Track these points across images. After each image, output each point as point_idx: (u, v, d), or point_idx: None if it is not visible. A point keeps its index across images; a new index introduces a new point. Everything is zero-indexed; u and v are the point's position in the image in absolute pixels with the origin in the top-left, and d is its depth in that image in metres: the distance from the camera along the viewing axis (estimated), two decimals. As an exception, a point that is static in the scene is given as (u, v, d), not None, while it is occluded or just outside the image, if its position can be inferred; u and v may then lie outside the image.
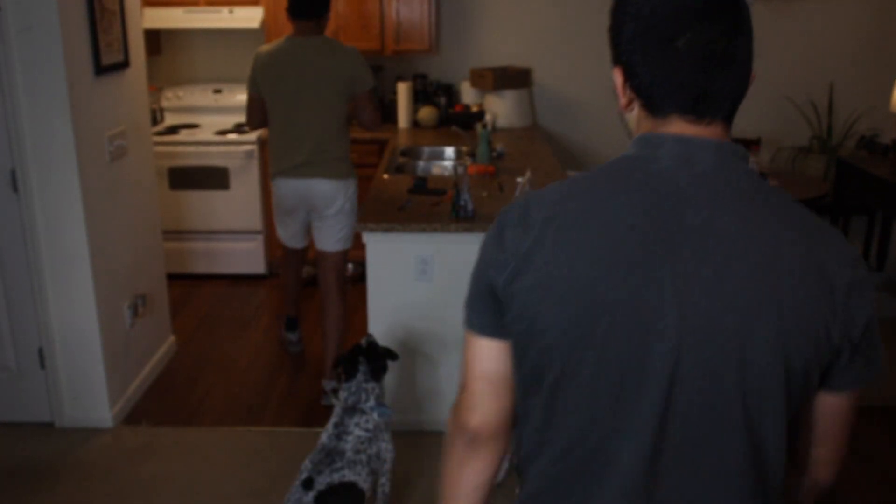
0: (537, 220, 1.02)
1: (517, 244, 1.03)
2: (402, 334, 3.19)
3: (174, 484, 2.96)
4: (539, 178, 3.59)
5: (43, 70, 2.92)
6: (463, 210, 3.05)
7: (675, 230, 0.97)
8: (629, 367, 0.97)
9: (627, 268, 0.96)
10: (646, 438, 0.99)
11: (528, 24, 5.12)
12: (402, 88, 4.98)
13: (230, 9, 4.76)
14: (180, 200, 4.83)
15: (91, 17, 3.09)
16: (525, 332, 1.04)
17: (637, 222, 0.97)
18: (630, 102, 1.06)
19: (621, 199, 0.99)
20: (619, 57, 1.06)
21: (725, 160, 1.01)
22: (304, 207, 3.52)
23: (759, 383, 0.97)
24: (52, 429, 3.32)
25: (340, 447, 2.40)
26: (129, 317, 3.48)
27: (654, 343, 0.96)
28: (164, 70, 5.25)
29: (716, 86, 0.99)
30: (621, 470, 1.01)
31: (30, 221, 3.08)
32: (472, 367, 1.13)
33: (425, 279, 3.11)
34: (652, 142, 1.02)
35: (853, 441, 1.15)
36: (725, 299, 0.95)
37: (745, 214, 0.98)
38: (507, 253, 1.04)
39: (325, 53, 3.33)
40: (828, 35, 5.16)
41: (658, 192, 0.99)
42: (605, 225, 0.98)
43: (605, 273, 0.97)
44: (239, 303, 4.68)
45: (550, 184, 1.08)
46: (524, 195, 1.08)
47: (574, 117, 5.24)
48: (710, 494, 1.01)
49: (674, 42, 0.99)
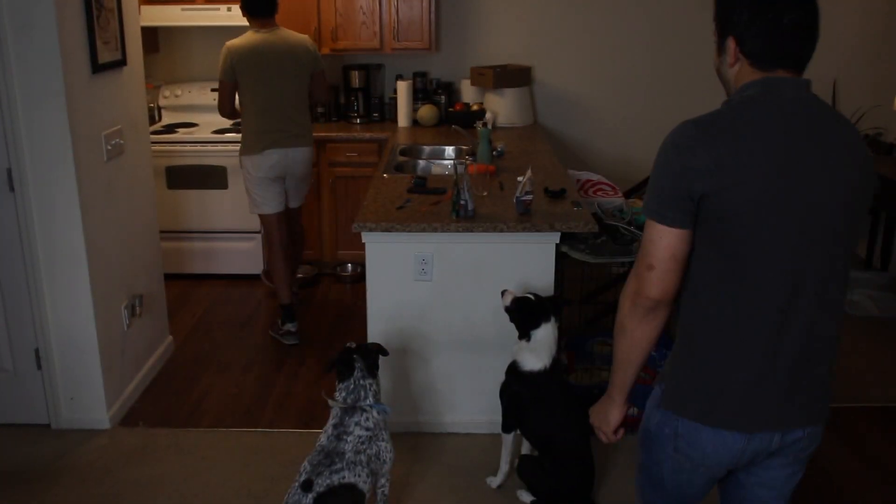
0: (722, 136, 1.46)
1: (711, 155, 1.45)
2: (402, 334, 3.16)
3: (171, 486, 2.94)
4: (540, 177, 3.57)
5: (39, 68, 2.89)
6: (463, 209, 3.02)
7: (805, 138, 1.48)
8: (801, 226, 1.48)
9: (790, 164, 1.46)
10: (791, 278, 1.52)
11: (529, 22, 5.09)
12: (401, 87, 4.95)
13: (228, 6, 4.73)
14: (178, 200, 4.80)
15: (88, 15, 3.07)
16: (728, 216, 1.46)
17: (787, 134, 1.47)
18: (736, 62, 1.54)
19: (773, 119, 1.48)
20: (735, 29, 1.52)
21: (811, 90, 1.54)
22: (286, 172, 4.06)
23: (846, 242, 1.54)
24: (48, 430, 3.29)
25: (340, 448, 2.37)
26: (127, 317, 3.45)
27: (807, 214, 1.48)
28: (162, 68, 5.23)
29: (805, 51, 1.51)
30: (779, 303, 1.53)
31: (26, 221, 3.05)
32: (662, 251, 1.51)
33: (425, 279, 3.08)
34: (772, 83, 1.50)
35: (855, 441, 1.16)
36: (832, 184, 1.50)
37: (833, 121, 1.54)
38: (703, 161, 1.45)
39: (291, 42, 3.98)
40: (831, 33, 5.11)
41: (789, 113, 1.49)
42: (771, 136, 1.46)
43: (781, 170, 1.45)
44: (237, 303, 4.66)
45: (703, 115, 1.51)
46: (691, 121, 1.50)
47: (575, 115, 5.21)
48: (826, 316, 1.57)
49: (782, 20, 1.47)
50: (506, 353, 3.16)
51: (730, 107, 1.52)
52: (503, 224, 2.97)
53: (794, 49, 1.49)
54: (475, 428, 3.26)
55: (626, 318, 1.60)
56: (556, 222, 2.98)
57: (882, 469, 3.08)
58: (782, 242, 1.47)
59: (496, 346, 3.15)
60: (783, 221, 1.46)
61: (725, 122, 1.48)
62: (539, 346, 2.72)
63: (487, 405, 3.24)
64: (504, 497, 2.91)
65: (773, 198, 1.45)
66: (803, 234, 1.47)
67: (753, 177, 1.44)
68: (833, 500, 2.91)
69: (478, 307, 3.12)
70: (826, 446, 3.21)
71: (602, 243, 3.29)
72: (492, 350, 3.15)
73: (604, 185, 3.83)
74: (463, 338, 3.16)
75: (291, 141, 3.99)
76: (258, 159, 3.95)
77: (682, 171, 1.46)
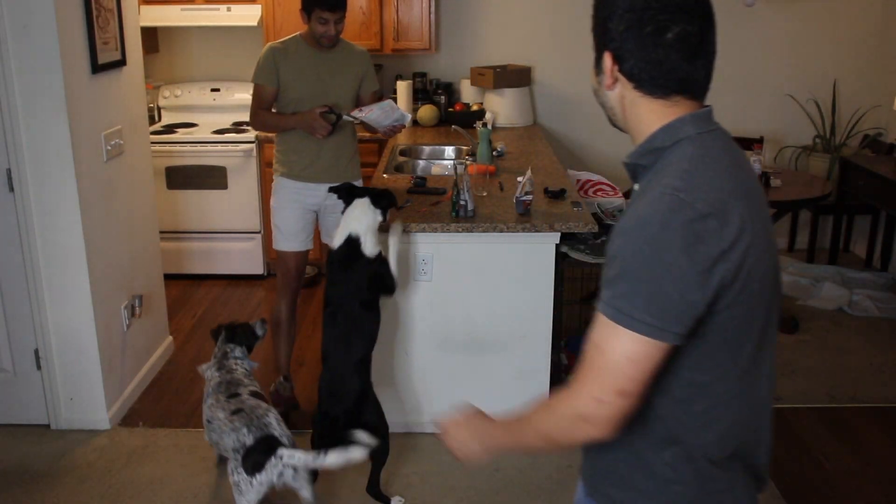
0: (730, 213, 1.13)
1: (724, 238, 1.11)
2: (402, 334, 3.16)
3: (171, 486, 2.94)
4: (539, 178, 3.57)
5: (39, 68, 2.89)
6: (463, 209, 3.03)
7: (751, 182, 1.24)
8: (771, 288, 1.22)
9: (762, 224, 1.19)
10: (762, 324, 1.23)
11: (529, 22, 5.09)
12: (401, 87, 4.95)
13: (228, 6, 4.74)
14: (178, 200, 4.80)
15: (88, 15, 3.07)
16: (745, 301, 1.16)
17: (749, 184, 1.22)
18: (614, 83, 1.24)
19: (741, 169, 1.23)
20: (609, 44, 1.22)
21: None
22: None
23: (779, 283, 1.27)
24: (48, 431, 3.29)
25: (235, 378, 2.78)
26: (126, 317, 3.45)
27: (776, 269, 1.25)
28: (162, 68, 5.22)
29: (696, 73, 1.20)
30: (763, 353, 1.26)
31: (25, 221, 3.05)
32: (645, 374, 1.12)
33: (425, 279, 3.08)
34: (706, 119, 1.23)
35: (854, 440, 1.17)
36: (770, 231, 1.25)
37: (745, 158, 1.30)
38: (720, 248, 1.11)
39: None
40: (831, 33, 5.13)
41: (735, 154, 1.25)
42: (750, 200, 1.18)
43: (762, 231, 1.19)
44: (237, 303, 4.65)
45: (682, 174, 1.16)
46: (671, 195, 1.13)
47: (575, 116, 5.21)
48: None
49: (664, 35, 1.16)
50: (506, 352, 3.17)
51: (705, 157, 1.20)
52: (503, 224, 2.97)
53: (679, 69, 1.18)
54: (475, 428, 3.26)
55: (557, 435, 1.20)
56: (556, 222, 2.98)
57: (881, 469, 3.08)
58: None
59: (496, 346, 3.15)
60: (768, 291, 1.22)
61: (721, 187, 1.16)
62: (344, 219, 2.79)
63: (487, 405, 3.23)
64: (504, 497, 2.90)
65: (769, 266, 1.21)
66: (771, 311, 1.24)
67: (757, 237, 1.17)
68: (832, 499, 2.90)
69: (478, 307, 3.12)
70: (825, 446, 3.21)
71: (602, 243, 3.29)
72: (492, 350, 3.15)
73: (604, 185, 3.83)
74: (463, 338, 3.16)
75: (339, 175, 3.40)
76: (300, 188, 3.40)
77: (706, 264, 1.10)
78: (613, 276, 1.13)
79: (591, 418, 1.14)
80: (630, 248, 1.11)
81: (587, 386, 1.14)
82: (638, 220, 1.12)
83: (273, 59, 3.21)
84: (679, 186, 1.12)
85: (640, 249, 1.10)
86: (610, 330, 1.11)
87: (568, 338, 3.59)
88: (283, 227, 3.37)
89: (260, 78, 3.24)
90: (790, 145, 5.29)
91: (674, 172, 1.15)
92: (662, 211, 1.10)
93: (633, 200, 1.25)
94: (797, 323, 4.23)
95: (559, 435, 1.20)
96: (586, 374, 1.15)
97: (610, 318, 1.11)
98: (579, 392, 1.15)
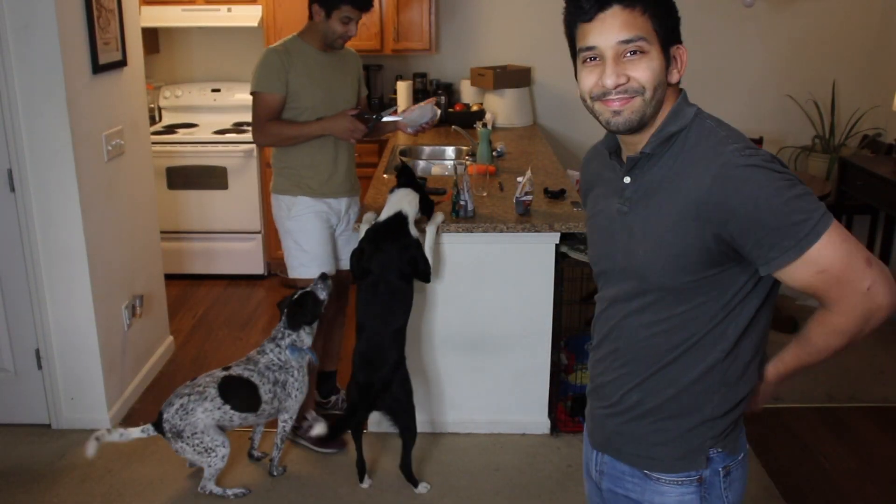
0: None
1: None
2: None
3: (171, 486, 2.94)
4: (539, 178, 3.57)
5: (40, 69, 2.90)
6: (463, 210, 3.03)
7: None
8: None
9: None
10: None
11: (529, 23, 5.10)
12: (401, 87, 4.95)
13: (228, 7, 4.74)
14: (178, 200, 4.81)
15: (88, 16, 3.07)
16: None
17: None
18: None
19: None
20: (679, 38, 1.37)
21: None
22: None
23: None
24: (49, 430, 3.29)
25: (256, 358, 2.89)
26: (127, 317, 3.46)
27: None
28: (162, 69, 5.23)
29: None
30: None
31: (26, 221, 3.06)
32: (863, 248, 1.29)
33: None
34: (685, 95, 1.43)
35: (853, 441, 1.16)
36: None
37: None
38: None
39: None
40: (830, 33, 5.14)
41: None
42: None
43: None
44: (237, 303, 4.66)
45: (736, 136, 1.31)
46: (750, 153, 1.26)
47: (574, 116, 5.20)
48: None
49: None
50: (506, 352, 3.17)
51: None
52: (503, 224, 2.98)
53: None
54: (475, 428, 3.27)
55: (851, 323, 1.30)
56: (556, 222, 2.99)
57: (881, 469, 3.08)
58: None
59: (496, 345, 3.15)
60: None
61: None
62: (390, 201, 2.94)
63: (487, 405, 3.24)
64: (504, 497, 2.91)
65: None
66: None
67: None
68: (832, 499, 2.91)
69: (478, 307, 3.12)
70: (825, 445, 3.21)
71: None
72: (492, 350, 3.15)
73: (604, 185, 3.83)
74: (463, 338, 3.16)
75: (352, 190, 3.32)
76: (319, 204, 3.21)
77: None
78: (791, 208, 1.23)
79: (874, 284, 1.25)
80: (773, 187, 1.23)
81: (866, 262, 1.26)
82: (752, 173, 1.24)
83: (280, 63, 2.93)
84: (742, 145, 1.28)
85: (772, 178, 1.23)
86: (834, 227, 1.24)
87: (568, 338, 3.59)
88: (312, 251, 3.11)
89: (265, 86, 2.95)
90: (789, 145, 5.29)
91: (724, 139, 1.29)
92: (762, 154, 1.26)
93: (643, 191, 1.36)
94: (797, 323, 4.23)
95: (853, 321, 1.28)
96: (851, 261, 1.25)
97: (828, 225, 1.23)
98: (855, 274, 1.25)
